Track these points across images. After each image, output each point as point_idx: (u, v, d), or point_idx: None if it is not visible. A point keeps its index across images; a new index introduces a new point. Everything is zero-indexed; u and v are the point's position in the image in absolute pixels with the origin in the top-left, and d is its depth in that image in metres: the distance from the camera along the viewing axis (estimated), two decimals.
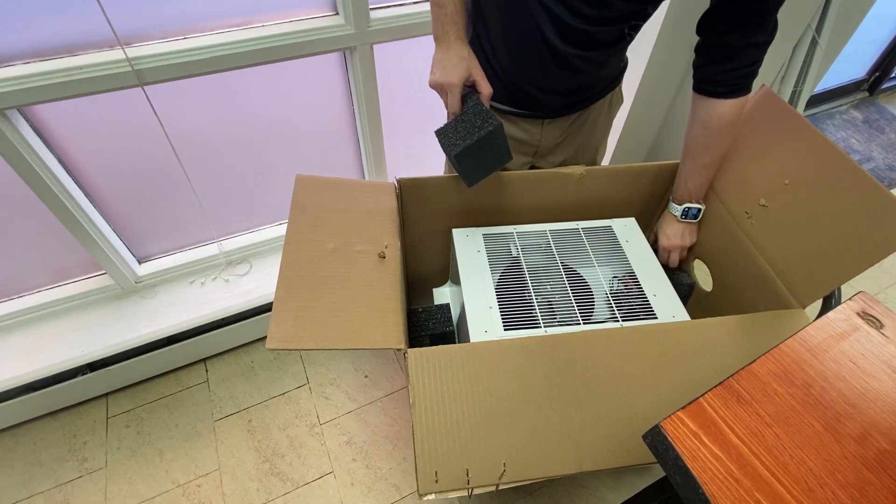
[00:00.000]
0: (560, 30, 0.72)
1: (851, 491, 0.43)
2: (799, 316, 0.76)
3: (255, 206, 1.28)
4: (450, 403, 0.63)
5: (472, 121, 0.75)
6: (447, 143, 0.76)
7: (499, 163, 0.80)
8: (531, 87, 0.83)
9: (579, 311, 0.81)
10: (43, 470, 1.14)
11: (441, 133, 0.78)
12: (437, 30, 0.74)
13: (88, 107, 0.92)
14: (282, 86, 1.07)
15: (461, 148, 0.74)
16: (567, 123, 0.92)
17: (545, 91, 0.83)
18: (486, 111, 0.75)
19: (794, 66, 1.36)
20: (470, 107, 0.76)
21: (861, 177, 0.69)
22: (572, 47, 0.75)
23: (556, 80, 0.82)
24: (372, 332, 0.67)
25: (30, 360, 1.12)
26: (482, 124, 0.74)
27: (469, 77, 0.74)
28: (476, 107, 0.76)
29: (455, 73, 0.72)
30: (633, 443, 0.62)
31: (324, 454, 1.17)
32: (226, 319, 1.25)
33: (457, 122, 0.76)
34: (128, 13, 0.84)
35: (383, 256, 0.77)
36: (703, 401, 0.48)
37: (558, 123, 0.91)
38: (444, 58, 0.73)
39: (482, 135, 0.73)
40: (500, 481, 0.59)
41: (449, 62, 0.73)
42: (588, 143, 0.98)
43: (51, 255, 1.13)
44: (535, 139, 0.93)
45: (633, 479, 1.15)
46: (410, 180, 0.89)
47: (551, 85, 0.83)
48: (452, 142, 0.75)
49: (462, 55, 0.73)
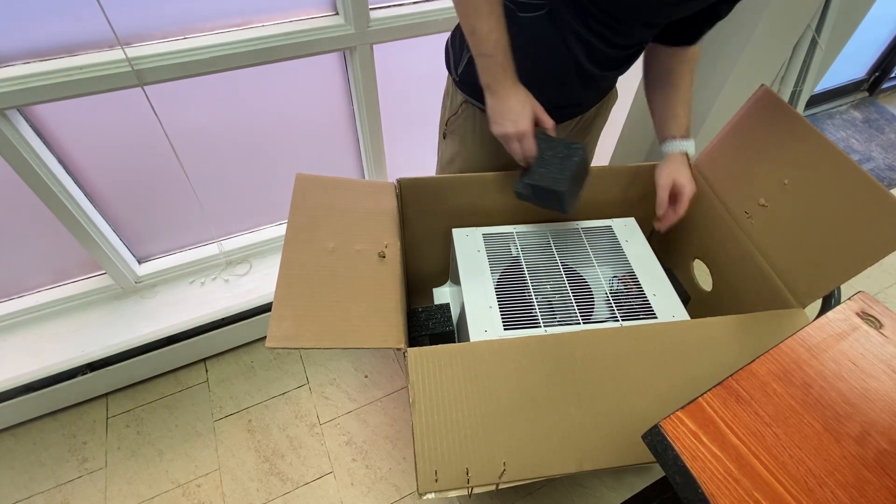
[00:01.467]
0: (592, 56, 0.74)
1: (851, 491, 0.43)
2: (798, 316, 0.76)
3: (255, 206, 1.28)
4: (450, 403, 0.63)
5: (556, 153, 0.73)
6: (548, 185, 0.73)
7: (585, 179, 0.82)
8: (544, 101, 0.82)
9: (579, 311, 0.81)
10: (43, 470, 1.14)
11: (528, 181, 0.75)
12: (487, 79, 0.71)
13: (88, 107, 0.92)
14: (282, 86, 1.07)
15: (567, 182, 0.72)
16: (570, 127, 0.93)
17: (558, 105, 0.84)
18: (560, 140, 0.75)
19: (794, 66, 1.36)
20: (541, 142, 0.75)
21: (861, 177, 0.69)
22: (600, 69, 0.77)
23: (574, 96, 0.83)
24: (372, 332, 0.67)
25: (30, 360, 1.12)
26: (568, 152, 0.74)
27: (534, 116, 0.73)
28: (546, 140, 0.75)
29: (525, 120, 0.71)
30: (633, 442, 0.62)
31: (324, 454, 1.17)
32: (226, 319, 1.25)
33: (541, 163, 0.74)
34: (128, 13, 0.85)
35: (383, 256, 0.77)
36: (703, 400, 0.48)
37: (562, 127, 0.92)
38: (507, 107, 0.71)
39: (577, 160, 0.73)
40: (500, 480, 0.59)
41: (513, 110, 0.71)
42: (587, 139, 1.00)
43: (51, 255, 1.13)
44: None
45: (633, 479, 1.15)
46: (410, 180, 0.89)
47: (566, 100, 0.84)
48: (552, 180, 0.73)
49: (523, 99, 0.72)
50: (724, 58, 1.29)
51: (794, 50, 1.33)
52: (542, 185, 0.74)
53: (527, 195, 0.79)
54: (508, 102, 0.71)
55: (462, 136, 0.91)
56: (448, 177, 0.91)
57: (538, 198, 0.79)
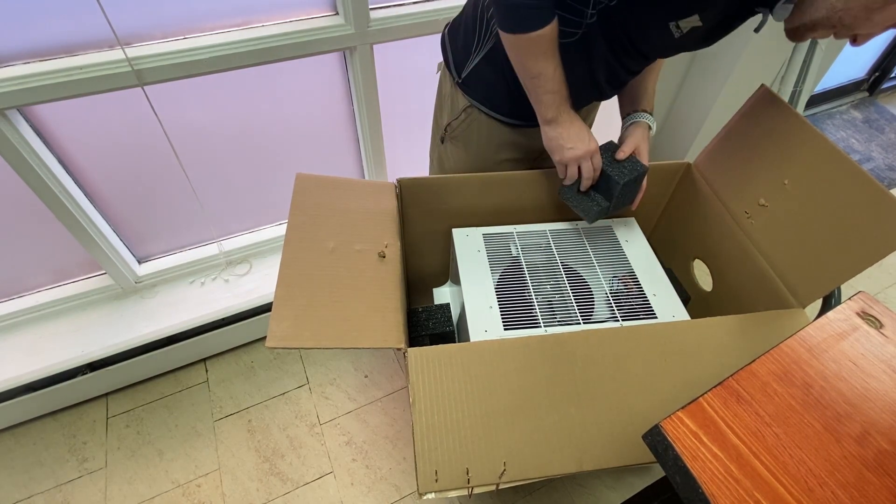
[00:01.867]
0: (611, 79, 0.80)
1: (851, 491, 0.43)
2: (799, 316, 0.76)
3: (255, 206, 1.28)
4: (450, 403, 0.63)
5: (619, 167, 0.82)
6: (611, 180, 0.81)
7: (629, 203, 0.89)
8: None
9: (579, 311, 0.81)
10: (43, 470, 1.14)
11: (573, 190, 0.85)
12: (552, 113, 0.77)
13: (88, 107, 0.92)
14: (282, 86, 1.07)
15: (626, 178, 0.81)
16: None
17: None
18: (623, 161, 0.83)
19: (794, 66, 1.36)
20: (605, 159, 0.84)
21: (861, 177, 0.69)
22: (612, 89, 0.84)
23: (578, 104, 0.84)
24: (372, 332, 0.67)
25: (30, 360, 1.12)
26: (631, 167, 0.82)
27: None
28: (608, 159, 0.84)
29: (593, 140, 0.80)
30: (633, 442, 0.62)
31: (324, 454, 1.17)
32: (226, 319, 1.25)
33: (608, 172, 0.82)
34: (128, 13, 0.85)
35: (383, 256, 0.77)
36: (703, 400, 0.48)
37: None
38: (574, 132, 0.78)
39: (639, 173, 0.82)
40: (500, 480, 0.59)
41: (580, 134, 0.79)
42: None
43: (51, 255, 1.13)
44: (538, 144, 0.92)
45: (633, 479, 1.15)
46: (410, 180, 0.89)
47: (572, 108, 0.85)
48: (616, 178, 0.81)
49: (583, 124, 0.80)
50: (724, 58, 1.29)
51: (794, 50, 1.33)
52: (618, 180, 0.81)
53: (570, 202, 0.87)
54: (573, 127, 0.78)
55: (466, 142, 0.90)
56: (448, 177, 0.91)
57: (598, 200, 0.86)
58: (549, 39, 0.69)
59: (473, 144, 0.90)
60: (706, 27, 0.65)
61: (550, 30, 0.68)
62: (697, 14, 0.63)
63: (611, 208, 0.86)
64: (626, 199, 0.88)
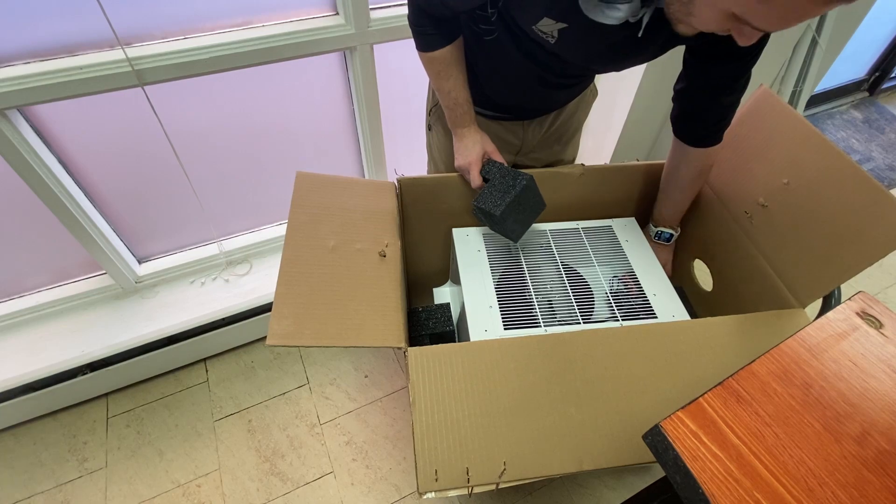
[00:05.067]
0: (550, 75, 0.79)
1: (851, 491, 0.43)
2: (799, 316, 0.76)
3: (255, 206, 1.28)
4: (450, 402, 0.63)
5: (503, 183, 0.82)
6: (487, 208, 0.81)
7: (536, 212, 0.87)
8: (516, 103, 0.88)
9: (579, 311, 0.81)
10: (43, 470, 1.14)
11: (479, 205, 0.82)
12: (450, 124, 0.86)
13: (88, 107, 0.92)
14: (282, 86, 1.07)
15: (503, 207, 0.79)
16: (547, 121, 0.94)
17: (532, 107, 0.90)
18: (512, 171, 0.82)
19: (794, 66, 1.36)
20: (495, 173, 0.84)
21: (861, 177, 0.69)
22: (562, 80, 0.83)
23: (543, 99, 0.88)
24: (372, 331, 0.67)
25: (30, 360, 1.12)
26: (514, 182, 0.81)
27: (484, 154, 0.85)
28: (501, 170, 0.83)
29: (473, 153, 0.85)
30: (633, 442, 0.62)
31: (324, 454, 1.17)
32: (226, 319, 1.25)
33: (490, 190, 0.82)
34: (128, 13, 0.85)
35: (384, 255, 0.77)
36: (703, 400, 0.48)
37: (539, 122, 0.94)
38: (463, 144, 0.86)
39: (518, 190, 0.80)
40: (501, 480, 0.59)
41: (467, 147, 0.85)
42: (567, 132, 1.00)
43: (51, 255, 1.13)
44: (518, 138, 0.95)
45: (633, 479, 1.15)
46: (410, 180, 0.89)
47: (537, 102, 0.89)
48: (493, 205, 0.80)
49: (476, 139, 0.85)
50: None
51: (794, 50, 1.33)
52: (483, 208, 0.82)
53: (478, 217, 0.87)
54: (465, 140, 0.85)
55: (443, 126, 0.93)
56: (448, 176, 0.91)
57: (487, 220, 0.86)
58: (445, 62, 0.77)
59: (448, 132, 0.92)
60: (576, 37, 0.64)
61: (444, 53, 0.76)
62: (550, 18, 0.62)
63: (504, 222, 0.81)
64: (526, 210, 0.84)
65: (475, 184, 0.85)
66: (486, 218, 0.85)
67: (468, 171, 0.85)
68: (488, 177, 0.84)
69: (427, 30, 0.75)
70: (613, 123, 1.43)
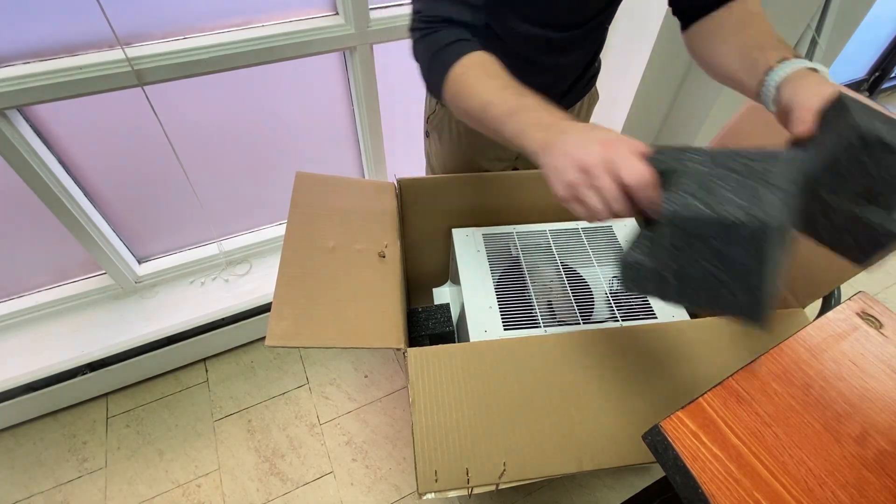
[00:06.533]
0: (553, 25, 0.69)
1: (851, 491, 0.43)
2: (798, 316, 0.76)
3: (255, 206, 1.28)
4: (449, 403, 0.63)
5: (721, 168, 0.41)
6: (731, 213, 0.36)
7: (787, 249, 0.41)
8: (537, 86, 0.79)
9: (579, 311, 0.81)
10: (43, 470, 1.14)
11: (685, 210, 0.38)
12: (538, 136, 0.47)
13: (88, 107, 0.92)
14: (282, 86, 1.07)
15: (779, 206, 0.36)
16: None
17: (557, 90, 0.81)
18: (723, 151, 0.43)
19: None
20: (668, 158, 0.43)
21: None
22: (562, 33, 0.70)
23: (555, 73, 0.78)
24: (372, 331, 0.67)
25: (30, 360, 1.12)
26: (766, 160, 0.41)
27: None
28: (682, 153, 0.43)
29: (607, 132, 0.45)
30: (633, 442, 0.62)
31: (324, 454, 1.17)
32: (226, 319, 1.25)
33: (687, 186, 0.40)
34: (128, 13, 0.85)
35: (383, 256, 0.77)
36: (703, 400, 0.48)
37: None
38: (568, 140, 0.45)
39: (797, 168, 0.40)
40: (500, 481, 0.59)
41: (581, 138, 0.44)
42: None
43: (51, 255, 1.13)
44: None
45: (633, 479, 1.15)
46: (410, 180, 0.89)
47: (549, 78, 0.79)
48: (740, 207, 0.36)
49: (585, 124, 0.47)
50: None
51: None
52: (718, 213, 0.37)
53: (644, 269, 0.43)
54: (567, 136, 0.45)
55: (440, 134, 0.92)
56: (448, 176, 0.91)
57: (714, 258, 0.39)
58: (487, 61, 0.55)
59: (446, 140, 0.91)
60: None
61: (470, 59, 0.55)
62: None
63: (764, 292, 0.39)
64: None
65: (643, 179, 0.41)
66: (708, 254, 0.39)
67: (613, 160, 0.41)
68: (669, 167, 0.42)
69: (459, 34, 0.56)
70: (613, 123, 1.43)
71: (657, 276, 0.43)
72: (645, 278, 0.44)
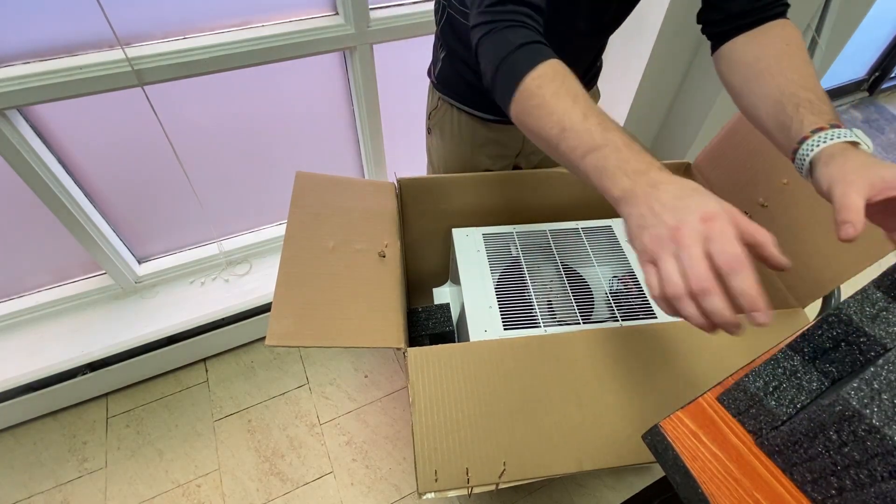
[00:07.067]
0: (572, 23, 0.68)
1: None
2: (798, 316, 0.76)
3: (255, 206, 1.28)
4: (449, 402, 0.63)
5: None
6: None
7: None
8: None
9: (579, 311, 0.81)
10: (43, 470, 1.14)
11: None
12: (623, 183, 0.41)
13: (88, 107, 0.92)
14: (282, 85, 1.07)
15: None
16: None
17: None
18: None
19: None
20: None
21: None
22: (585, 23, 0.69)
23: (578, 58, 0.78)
24: (372, 331, 0.67)
25: (30, 360, 1.12)
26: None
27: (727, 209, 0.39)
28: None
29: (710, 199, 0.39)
30: (633, 442, 0.62)
31: (324, 454, 1.17)
32: (226, 319, 1.25)
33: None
34: (128, 13, 0.85)
35: (383, 255, 0.77)
36: (703, 400, 0.48)
37: None
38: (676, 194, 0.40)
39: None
40: (500, 480, 0.59)
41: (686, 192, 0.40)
42: None
43: (51, 255, 1.13)
44: (518, 140, 0.94)
45: (633, 479, 1.15)
46: (410, 180, 0.89)
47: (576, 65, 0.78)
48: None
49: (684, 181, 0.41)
50: None
51: None
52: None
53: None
54: (659, 192, 0.40)
55: (441, 130, 0.92)
56: (448, 176, 0.91)
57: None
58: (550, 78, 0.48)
59: (448, 136, 0.91)
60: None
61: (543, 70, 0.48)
62: None
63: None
64: None
65: (779, 259, 0.40)
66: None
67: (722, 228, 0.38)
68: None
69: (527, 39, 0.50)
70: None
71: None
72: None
